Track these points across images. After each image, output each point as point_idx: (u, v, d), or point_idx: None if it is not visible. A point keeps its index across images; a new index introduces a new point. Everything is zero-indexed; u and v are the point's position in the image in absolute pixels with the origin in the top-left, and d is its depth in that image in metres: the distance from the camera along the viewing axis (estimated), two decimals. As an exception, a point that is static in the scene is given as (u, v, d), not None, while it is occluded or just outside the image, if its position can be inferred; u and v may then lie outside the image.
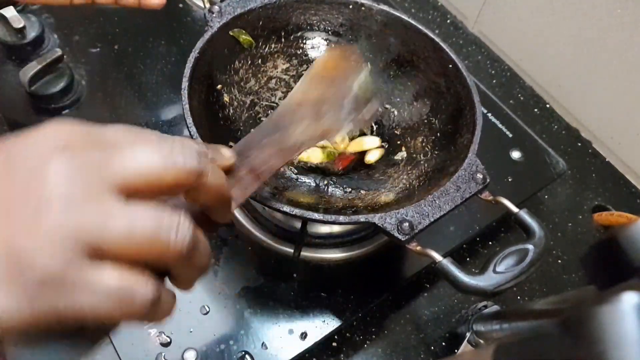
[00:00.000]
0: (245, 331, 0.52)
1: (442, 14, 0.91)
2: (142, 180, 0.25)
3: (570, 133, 0.79)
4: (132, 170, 0.25)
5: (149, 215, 0.24)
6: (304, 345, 0.52)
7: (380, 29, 0.61)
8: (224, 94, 0.57)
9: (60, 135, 0.25)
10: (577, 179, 0.74)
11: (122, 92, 0.69)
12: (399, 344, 0.56)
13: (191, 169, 0.26)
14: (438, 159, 0.55)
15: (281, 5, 0.60)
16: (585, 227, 0.69)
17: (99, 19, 0.76)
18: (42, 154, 0.24)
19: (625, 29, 0.67)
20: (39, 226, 0.23)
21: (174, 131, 0.66)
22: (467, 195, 0.47)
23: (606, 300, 0.23)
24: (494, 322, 0.47)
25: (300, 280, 0.56)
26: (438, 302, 0.60)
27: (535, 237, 0.43)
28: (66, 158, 0.24)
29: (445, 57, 0.57)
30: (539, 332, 0.26)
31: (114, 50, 0.73)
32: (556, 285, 0.63)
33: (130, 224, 0.24)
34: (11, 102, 0.66)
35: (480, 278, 0.41)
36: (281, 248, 0.58)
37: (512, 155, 0.68)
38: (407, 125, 0.60)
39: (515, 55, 0.84)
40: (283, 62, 0.63)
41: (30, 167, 0.24)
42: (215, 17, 0.56)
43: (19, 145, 0.25)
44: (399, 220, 0.44)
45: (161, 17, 0.78)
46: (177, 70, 0.72)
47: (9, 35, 0.68)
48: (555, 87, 0.80)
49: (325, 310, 0.54)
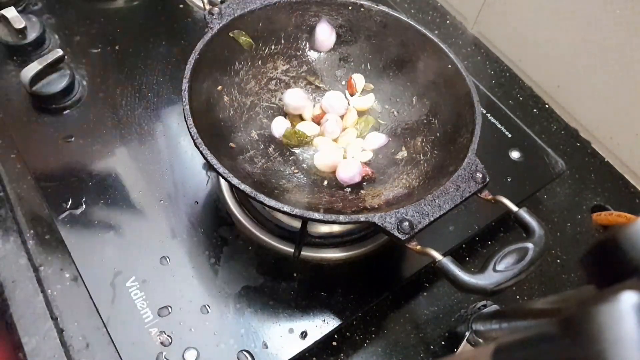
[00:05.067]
0: (246, 330, 0.52)
1: (442, 15, 0.91)
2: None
3: (569, 133, 0.79)
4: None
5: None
6: (304, 344, 0.52)
7: (380, 30, 0.61)
8: (224, 95, 0.57)
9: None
10: (576, 179, 0.74)
11: (122, 92, 0.69)
12: (398, 343, 0.56)
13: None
14: (438, 158, 0.55)
15: (281, 6, 0.60)
16: (584, 226, 0.69)
17: (100, 19, 0.76)
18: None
19: (625, 29, 0.67)
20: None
21: (175, 132, 0.66)
22: (467, 194, 0.47)
23: (605, 300, 0.23)
24: (493, 321, 0.48)
25: (301, 279, 0.56)
26: (437, 302, 0.60)
27: (535, 236, 0.44)
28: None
29: (444, 58, 0.57)
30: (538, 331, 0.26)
31: (114, 51, 0.73)
32: (555, 285, 0.63)
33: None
34: (12, 102, 0.66)
35: (480, 277, 0.41)
36: (281, 248, 0.58)
37: (511, 155, 0.68)
38: (406, 125, 0.60)
39: (515, 55, 0.85)
40: (283, 63, 0.63)
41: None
42: (215, 18, 0.56)
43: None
44: (399, 220, 0.44)
45: (162, 18, 0.78)
46: (177, 71, 0.72)
47: (10, 35, 0.68)
48: (554, 88, 0.80)
49: (325, 310, 0.54)
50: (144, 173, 0.62)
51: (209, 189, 0.62)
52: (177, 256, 0.56)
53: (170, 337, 0.50)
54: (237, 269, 0.56)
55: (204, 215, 0.59)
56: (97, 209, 0.58)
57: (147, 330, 0.51)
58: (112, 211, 0.58)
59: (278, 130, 0.59)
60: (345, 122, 0.61)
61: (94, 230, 0.56)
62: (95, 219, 0.57)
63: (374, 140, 0.60)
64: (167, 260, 0.55)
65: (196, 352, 0.50)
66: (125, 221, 0.58)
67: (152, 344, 0.50)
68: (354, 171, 0.55)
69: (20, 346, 0.52)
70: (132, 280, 0.53)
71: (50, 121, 0.65)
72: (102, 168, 0.62)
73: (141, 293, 0.53)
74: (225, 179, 0.45)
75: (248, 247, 0.58)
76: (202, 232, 0.58)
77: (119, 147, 0.64)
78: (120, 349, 0.50)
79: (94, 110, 0.67)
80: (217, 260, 0.56)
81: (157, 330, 0.51)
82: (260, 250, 0.58)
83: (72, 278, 0.56)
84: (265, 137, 0.59)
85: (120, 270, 0.54)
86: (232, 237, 0.58)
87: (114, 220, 0.57)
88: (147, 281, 0.54)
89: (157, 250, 0.56)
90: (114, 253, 0.55)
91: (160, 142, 0.65)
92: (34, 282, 0.56)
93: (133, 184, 0.61)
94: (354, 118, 0.61)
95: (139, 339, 0.50)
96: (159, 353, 0.49)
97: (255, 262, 0.57)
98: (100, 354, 0.52)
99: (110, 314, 0.51)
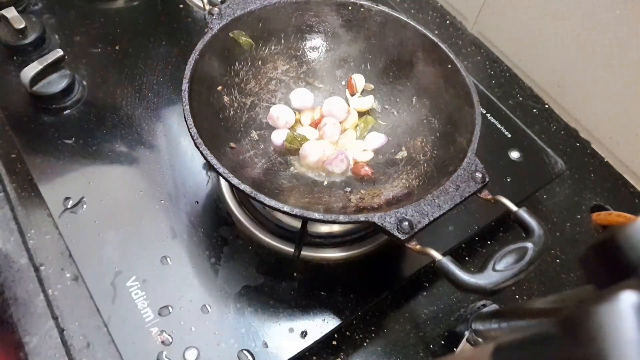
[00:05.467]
0: (246, 330, 0.52)
1: (442, 15, 0.91)
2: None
3: (569, 133, 0.79)
4: None
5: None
6: (304, 343, 0.52)
7: (380, 30, 0.61)
8: (224, 95, 0.57)
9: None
10: (575, 179, 0.74)
11: (123, 92, 0.69)
12: (398, 342, 0.57)
13: None
14: (437, 158, 0.55)
15: (280, 7, 0.60)
16: (584, 226, 0.69)
17: (100, 19, 0.76)
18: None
19: (625, 29, 0.67)
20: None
21: (175, 132, 0.66)
22: (467, 194, 0.47)
23: (605, 300, 0.23)
24: (493, 321, 0.48)
25: (301, 279, 0.56)
26: (437, 301, 0.60)
27: (535, 236, 0.44)
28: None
29: (444, 58, 0.57)
30: (538, 331, 0.26)
31: (115, 51, 0.73)
32: (555, 285, 0.63)
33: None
34: (12, 102, 0.66)
35: (480, 276, 0.41)
36: (281, 247, 0.58)
37: (510, 155, 0.69)
38: (406, 125, 0.60)
39: (514, 55, 0.85)
40: (283, 63, 0.63)
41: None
42: (215, 19, 0.56)
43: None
44: (398, 220, 0.44)
45: (162, 18, 0.78)
46: (177, 71, 0.72)
47: (10, 35, 0.68)
48: (554, 88, 0.80)
49: (325, 309, 0.54)
50: (145, 173, 0.62)
51: (209, 189, 0.62)
52: (177, 256, 0.56)
53: (170, 337, 0.51)
54: (237, 268, 0.56)
55: (204, 215, 0.60)
56: (98, 209, 0.58)
57: (147, 329, 0.51)
58: (113, 211, 0.58)
59: (278, 139, 0.59)
60: (345, 123, 0.61)
61: (95, 230, 0.57)
62: (96, 218, 0.57)
63: (373, 141, 0.60)
64: (167, 260, 0.55)
65: (197, 351, 0.50)
66: (126, 221, 0.58)
67: (153, 344, 0.50)
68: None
69: (21, 345, 0.52)
70: (133, 279, 0.54)
71: (50, 121, 0.65)
72: (102, 168, 0.62)
73: (142, 293, 0.53)
74: (225, 179, 0.45)
75: (248, 247, 0.58)
76: (202, 232, 0.58)
77: (119, 147, 0.64)
78: (120, 348, 0.50)
79: (94, 110, 0.67)
80: (218, 260, 0.56)
81: (158, 329, 0.51)
82: (260, 250, 0.58)
83: (72, 277, 0.56)
84: (265, 137, 0.59)
85: (121, 269, 0.54)
86: (233, 237, 0.58)
87: (114, 220, 0.58)
88: (148, 281, 0.54)
89: (157, 250, 0.56)
90: (115, 253, 0.55)
91: (161, 142, 0.65)
92: (34, 281, 0.56)
93: (133, 184, 0.61)
94: (354, 120, 0.61)
95: (139, 339, 0.50)
96: (159, 352, 0.50)
97: (256, 262, 0.57)
98: (101, 354, 0.52)
99: (111, 313, 0.51)
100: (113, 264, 0.54)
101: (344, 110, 0.61)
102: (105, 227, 0.57)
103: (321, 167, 0.58)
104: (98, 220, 0.57)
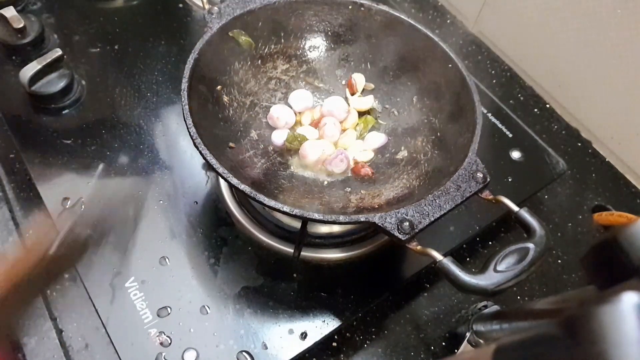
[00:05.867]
0: (246, 331, 0.52)
1: (442, 14, 0.91)
2: None
3: (570, 133, 0.79)
4: None
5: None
6: (304, 345, 0.52)
7: (380, 30, 0.61)
8: (223, 94, 0.57)
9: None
10: (577, 179, 0.74)
11: (122, 92, 0.69)
12: (398, 343, 0.56)
13: None
14: (438, 158, 0.55)
15: (280, 6, 0.60)
16: (585, 227, 0.69)
17: (99, 19, 0.76)
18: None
19: (625, 29, 0.67)
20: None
21: (174, 131, 0.66)
22: (468, 194, 0.47)
23: (606, 300, 0.23)
24: (494, 322, 0.47)
25: (300, 280, 0.56)
26: (438, 302, 0.60)
27: (536, 236, 0.43)
28: None
29: (445, 57, 0.57)
30: (539, 332, 0.26)
31: (114, 50, 0.73)
32: (556, 285, 0.63)
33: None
34: (11, 102, 0.66)
35: (481, 277, 0.41)
36: (281, 248, 0.58)
37: (512, 155, 0.68)
38: (407, 125, 0.60)
39: (515, 55, 0.84)
40: (282, 62, 0.63)
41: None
42: (215, 18, 0.56)
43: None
44: (399, 220, 0.44)
45: (161, 18, 0.78)
46: (177, 70, 0.72)
47: (9, 35, 0.68)
48: (555, 87, 0.80)
49: (325, 310, 0.54)
50: (143, 173, 0.62)
51: (208, 189, 0.62)
52: (176, 256, 0.56)
53: (169, 338, 0.50)
54: (236, 269, 0.56)
55: (203, 215, 0.59)
56: (97, 209, 0.58)
57: (146, 330, 0.50)
58: (112, 211, 0.58)
59: (278, 139, 0.59)
60: (345, 123, 0.61)
61: (94, 230, 0.56)
62: (95, 218, 0.57)
63: (374, 140, 0.60)
64: (166, 261, 0.55)
65: (195, 352, 0.50)
66: (125, 221, 0.57)
67: (152, 345, 0.50)
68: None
69: (19, 346, 0.52)
70: (132, 280, 0.53)
71: (49, 121, 0.65)
72: (101, 168, 0.61)
73: (140, 293, 0.53)
74: (224, 179, 0.45)
75: (248, 248, 0.58)
76: (201, 232, 0.58)
77: (117, 147, 0.64)
78: (119, 349, 0.49)
79: (93, 110, 0.67)
80: (217, 260, 0.56)
81: (157, 330, 0.51)
82: (260, 251, 0.58)
83: (71, 278, 0.56)
84: (265, 137, 0.59)
85: (120, 270, 0.54)
86: (232, 238, 0.58)
87: (113, 220, 0.57)
88: (147, 281, 0.53)
89: (156, 251, 0.56)
90: (113, 253, 0.55)
91: (160, 142, 0.65)
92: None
93: (132, 184, 0.61)
94: (354, 119, 0.61)
95: (138, 340, 0.50)
96: (158, 354, 0.49)
97: (255, 263, 0.56)
98: (100, 355, 0.52)
99: (110, 314, 0.51)
100: (111, 264, 0.54)
101: (344, 109, 0.61)
102: (104, 228, 0.57)
103: (321, 167, 0.58)
104: (97, 220, 0.57)
